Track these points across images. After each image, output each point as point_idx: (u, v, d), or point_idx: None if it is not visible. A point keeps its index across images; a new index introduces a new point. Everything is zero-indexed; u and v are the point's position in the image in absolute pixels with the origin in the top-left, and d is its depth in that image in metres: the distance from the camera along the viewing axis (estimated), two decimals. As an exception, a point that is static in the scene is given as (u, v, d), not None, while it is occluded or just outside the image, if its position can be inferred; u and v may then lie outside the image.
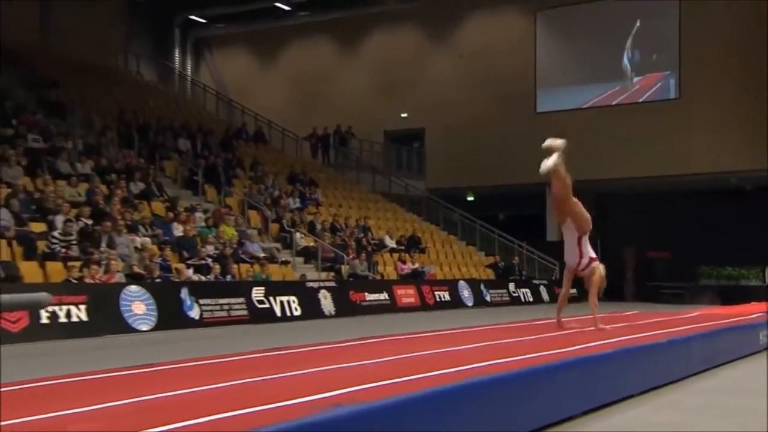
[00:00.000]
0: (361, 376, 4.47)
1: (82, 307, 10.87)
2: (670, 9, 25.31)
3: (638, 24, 25.88)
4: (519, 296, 21.68)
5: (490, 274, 22.87)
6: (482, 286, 20.74)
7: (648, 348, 6.64)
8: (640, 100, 26.07)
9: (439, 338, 7.31)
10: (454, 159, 27.78)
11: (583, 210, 7.81)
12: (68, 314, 10.51)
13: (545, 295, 22.70)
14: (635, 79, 26.31)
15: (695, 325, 8.61)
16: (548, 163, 7.51)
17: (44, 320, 10.33)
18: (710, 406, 6.02)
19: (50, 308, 10.36)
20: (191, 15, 29.82)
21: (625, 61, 26.37)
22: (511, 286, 21.79)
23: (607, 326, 8.03)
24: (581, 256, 7.72)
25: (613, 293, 24.88)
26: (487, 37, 27.95)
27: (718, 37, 24.26)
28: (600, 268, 7.82)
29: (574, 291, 23.87)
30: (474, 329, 8.71)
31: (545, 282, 23.59)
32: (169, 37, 30.11)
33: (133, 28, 28.35)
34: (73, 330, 10.27)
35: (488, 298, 20.54)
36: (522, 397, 4.69)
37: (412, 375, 4.44)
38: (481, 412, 4.24)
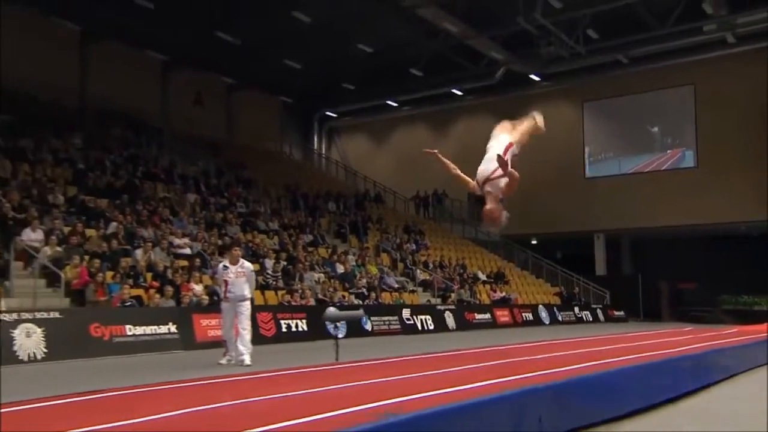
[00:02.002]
0: (559, 362, 5.80)
1: (304, 321, 12.31)
2: (686, 99, 25.86)
3: (662, 111, 26.44)
4: (582, 317, 22.08)
5: (557, 300, 23.24)
6: (555, 309, 21.27)
7: (721, 351, 7.65)
8: (667, 168, 26.45)
9: (573, 344, 8.57)
10: (522, 212, 28.12)
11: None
12: (297, 325, 12.02)
13: (601, 316, 23.08)
14: (668, 152, 26.66)
15: (744, 337, 9.46)
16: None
17: (284, 329, 11.90)
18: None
19: (286, 321, 11.97)
20: (326, 111, 31.88)
21: (656, 139, 26.85)
22: (576, 309, 22.23)
23: None
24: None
25: (652, 316, 25.36)
26: (544, 122, 29.00)
27: (727, 117, 24.58)
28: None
29: (621, 312, 24.35)
30: (593, 338, 9.84)
31: (600, 306, 23.93)
32: (311, 127, 32.01)
33: (286, 122, 30.64)
34: (299, 336, 11.73)
35: (560, 318, 20.98)
36: (634, 384, 5.34)
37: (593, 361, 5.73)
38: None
